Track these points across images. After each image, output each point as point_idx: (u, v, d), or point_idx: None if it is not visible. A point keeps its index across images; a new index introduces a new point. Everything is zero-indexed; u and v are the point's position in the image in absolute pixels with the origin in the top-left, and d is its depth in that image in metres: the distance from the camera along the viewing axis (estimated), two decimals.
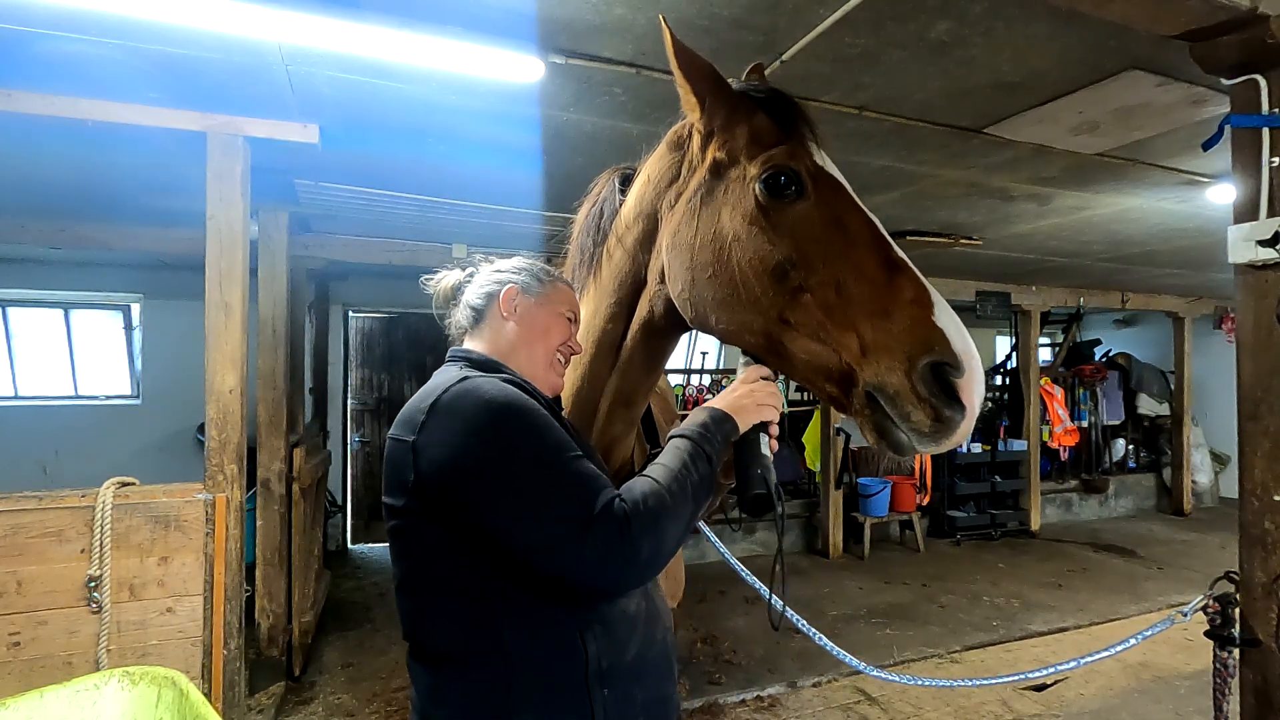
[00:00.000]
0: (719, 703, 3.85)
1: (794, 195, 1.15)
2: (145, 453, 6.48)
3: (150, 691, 1.88)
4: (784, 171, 1.15)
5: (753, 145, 1.20)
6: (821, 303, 1.10)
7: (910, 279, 1.08)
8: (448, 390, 1.11)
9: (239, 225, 2.94)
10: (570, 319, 1.33)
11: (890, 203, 4.44)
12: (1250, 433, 1.91)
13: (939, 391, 1.00)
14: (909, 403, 1.01)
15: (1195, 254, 6.13)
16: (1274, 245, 1.82)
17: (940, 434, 1.01)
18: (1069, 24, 2.28)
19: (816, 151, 1.21)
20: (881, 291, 1.07)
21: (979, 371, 1.02)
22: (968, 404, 1.00)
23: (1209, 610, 1.95)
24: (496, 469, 1.04)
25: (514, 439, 1.06)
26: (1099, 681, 4.13)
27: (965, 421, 1.01)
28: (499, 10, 2.18)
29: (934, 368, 1.01)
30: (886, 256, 1.10)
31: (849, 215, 1.15)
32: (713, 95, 1.24)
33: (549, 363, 1.29)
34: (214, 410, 2.91)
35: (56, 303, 6.63)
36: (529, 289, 1.31)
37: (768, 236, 1.14)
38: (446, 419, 1.08)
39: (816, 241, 1.13)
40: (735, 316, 1.18)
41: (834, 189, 1.17)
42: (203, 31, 2.25)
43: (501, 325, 1.29)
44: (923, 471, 7.33)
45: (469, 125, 3.10)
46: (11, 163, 3.60)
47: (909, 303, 1.05)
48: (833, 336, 1.08)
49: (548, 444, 1.07)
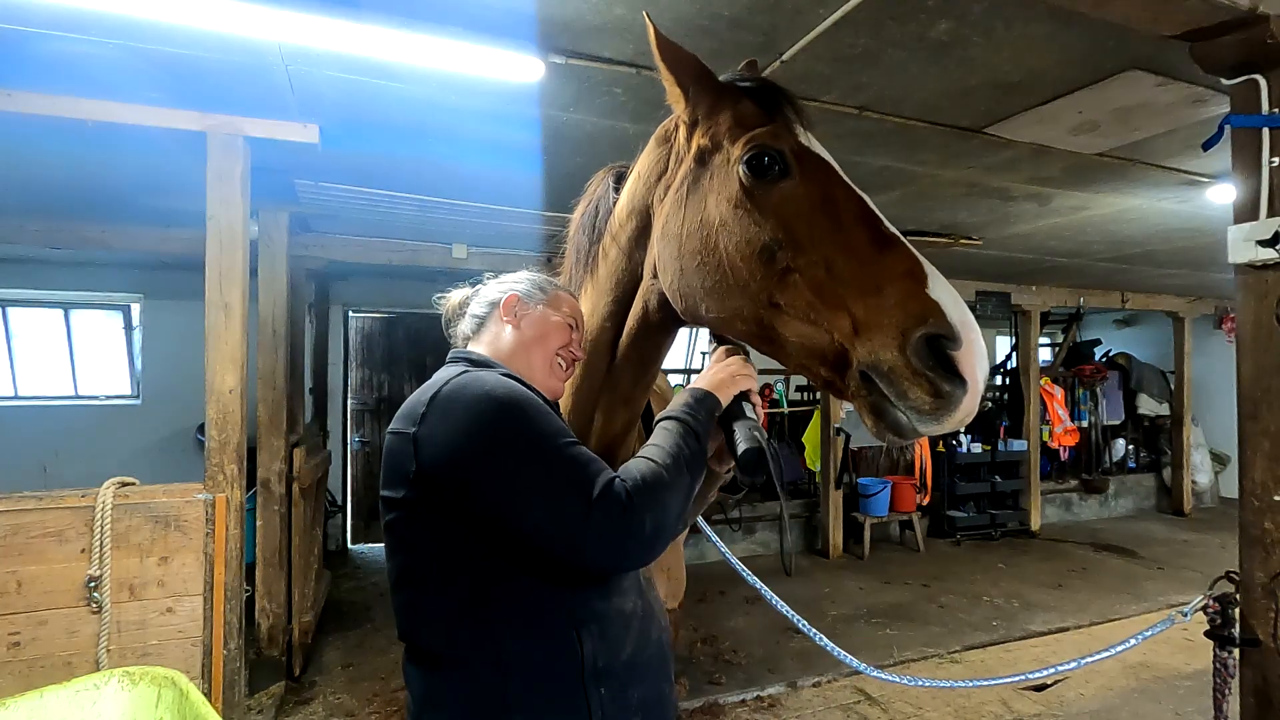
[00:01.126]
0: (719, 703, 3.85)
1: (778, 175, 1.14)
2: (145, 453, 6.48)
3: (150, 691, 1.88)
4: (767, 151, 1.13)
5: (736, 129, 1.19)
6: (811, 283, 1.08)
7: (902, 253, 1.04)
8: (448, 383, 1.12)
9: (239, 225, 2.94)
10: (571, 325, 1.34)
11: (890, 203, 4.44)
12: (1250, 433, 1.91)
13: (935, 365, 0.96)
14: (905, 379, 0.97)
15: (1195, 254, 6.13)
16: (1274, 245, 1.82)
17: (941, 411, 0.97)
18: (1069, 24, 2.28)
19: (802, 133, 1.19)
20: (872, 267, 1.04)
21: (979, 344, 0.97)
22: (969, 377, 0.96)
23: (1209, 610, 1.95)
24: (500, 454, 1.05)
25: (516, 425, 1.08)
26: (1099, 681, 4.12)
27: (968, 397, 0.96)
28: (499, 10, 2.18)
29: (929, 341, 0.96)
30: (877, 232, 1.07)
31: (836, 191, 1.12)
32: (696, 85, 1.24)
33: (548, 367, 1.30)
34: (214, 410, 2.91)
35: (56, 303, 6.63)
36: (530, 297, 1.33)
37: (753, 218, 1.13)
38: (448, 409, 1.09)
39: (803, 220, 1.11)
40: (726, 304, 1.17)
41: (820, 166, 1.15)
42: (203, 31, 2.25)
43: (501, 329, 1.31)
44: (923, 471, 7.33)
45: (469, 125, 3.10)
46: (11, 163, 3.60)
47: (901, 276, 1.02)
48: (824, 316, 1.06)
49: (548, 430, 1.09)
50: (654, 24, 1.22)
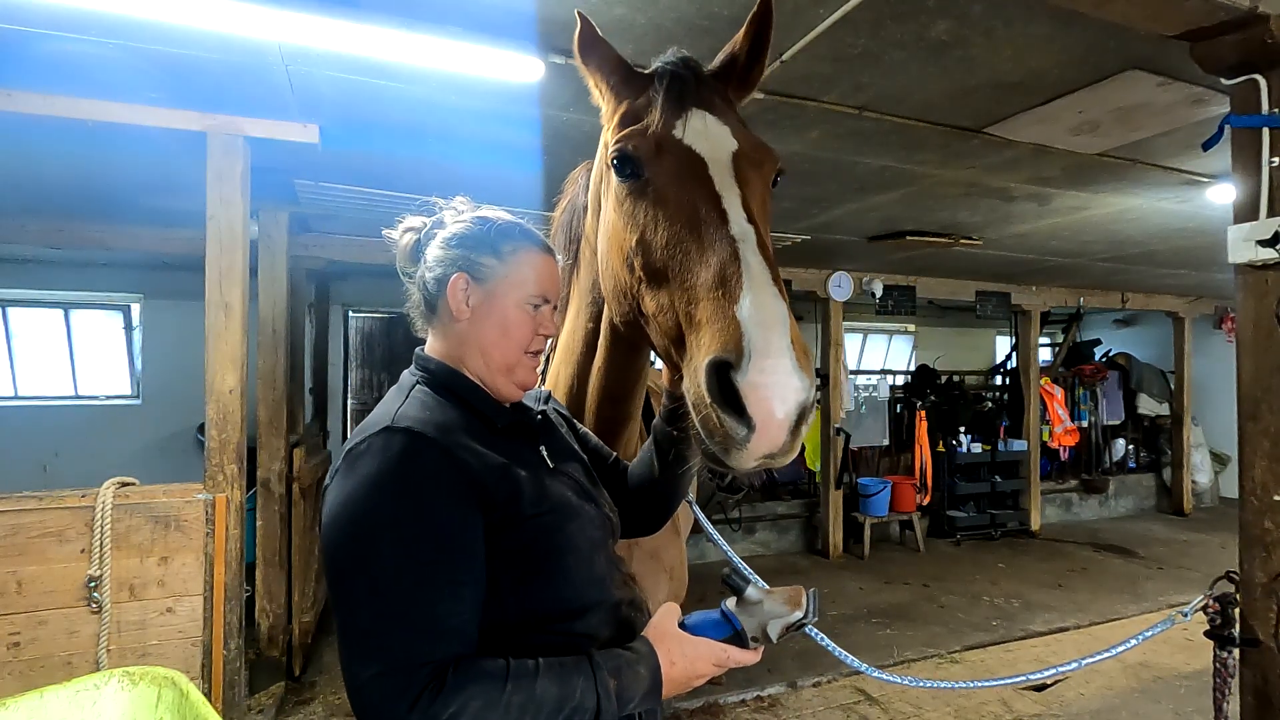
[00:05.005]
0: (719, 703, 3.85)
1: (632, 176, 1.08)
2: (145, 453, 6.48)
3: (150, 691, 1.88)
4: (621, 153, 1.09)
5: (617, 128, 1.15)
6: (652, 295, 1.03)
7: (723, 259, 0.93)
8: (365, 442, 0.97)
9: (239, 225, 2.94)
10: (536, 305, 1.10)
11: (890, 203, 4.44)
12: (1250, 433, 1.90)
13: (719, 398, 0.85)
14: (697, 410, 0.88)
15: (1195, 254, 6.13)
16: (1274, 245, 1.82)
17: (731, 448, 0.86)
18: (1069, 24, 2.28)
19: (685, 125, 1.08)
20: (692, 278, 0.95)
21: (774, 373, 0.82)
22: (754, 413, 0.82)
23: (1209, 610, 1.95)
24: (351, 567, 0.92)
25: (379, 543, 0.91)
26: (1099, 681, 4.12)
27: (756, 436, 0.83)
28: (499, 10, 2.17)
29: (717, 369, 0.86)
30: (711, 234, 0.97)
31: (678, 193, 1.03)
32: (611, 79, 1.22)
33: (506, 368, 1.09)
34: (214, 410, 2.91)
35: (56, 303, 6.63)
36: (481, 275, 1.08)
37: (624, 221, 1.09)
38: (344, 480, 0.96)
39: (651, 225, 1.04)
40: (618, 308, 1.15)
41: (670, 167, 1.05)
42: (203, 31, 2.25)
43: (452, 325, 1.10)
44: (923, 471, 7.33)
45: (469, 125, 3.10)
46: (11, 162, 3.60)
47: (711, 290, 0.91)
48: (663, 330, 1.01)
49: (408, 567, 0.90)
50: (587, 21, 1.20)
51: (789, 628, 1.00)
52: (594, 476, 1.23)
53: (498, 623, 0.98)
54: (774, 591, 1.04)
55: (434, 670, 0.86)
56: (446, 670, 0.86)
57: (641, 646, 1.00)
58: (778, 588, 1.05)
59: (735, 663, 1.02)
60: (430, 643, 0.88)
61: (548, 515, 1.03)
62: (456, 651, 0.89)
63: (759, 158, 1.11)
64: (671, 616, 1.05)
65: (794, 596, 1.02)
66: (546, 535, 1.02)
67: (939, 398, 7.94)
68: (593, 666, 0.94)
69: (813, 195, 4.20)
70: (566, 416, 1.35)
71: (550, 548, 1.02)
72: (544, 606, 1.01)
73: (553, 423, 1.24)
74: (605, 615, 1.07)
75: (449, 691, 0.85)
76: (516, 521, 0.99)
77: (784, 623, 1.00)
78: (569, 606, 1.03)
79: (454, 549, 0.93)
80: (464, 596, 0.92)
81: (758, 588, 1.04)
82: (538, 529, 1.02)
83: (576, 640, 1.01)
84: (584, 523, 1.09)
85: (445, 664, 0.87)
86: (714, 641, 1.01)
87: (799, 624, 1.00)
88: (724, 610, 1.03)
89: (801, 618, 1.00)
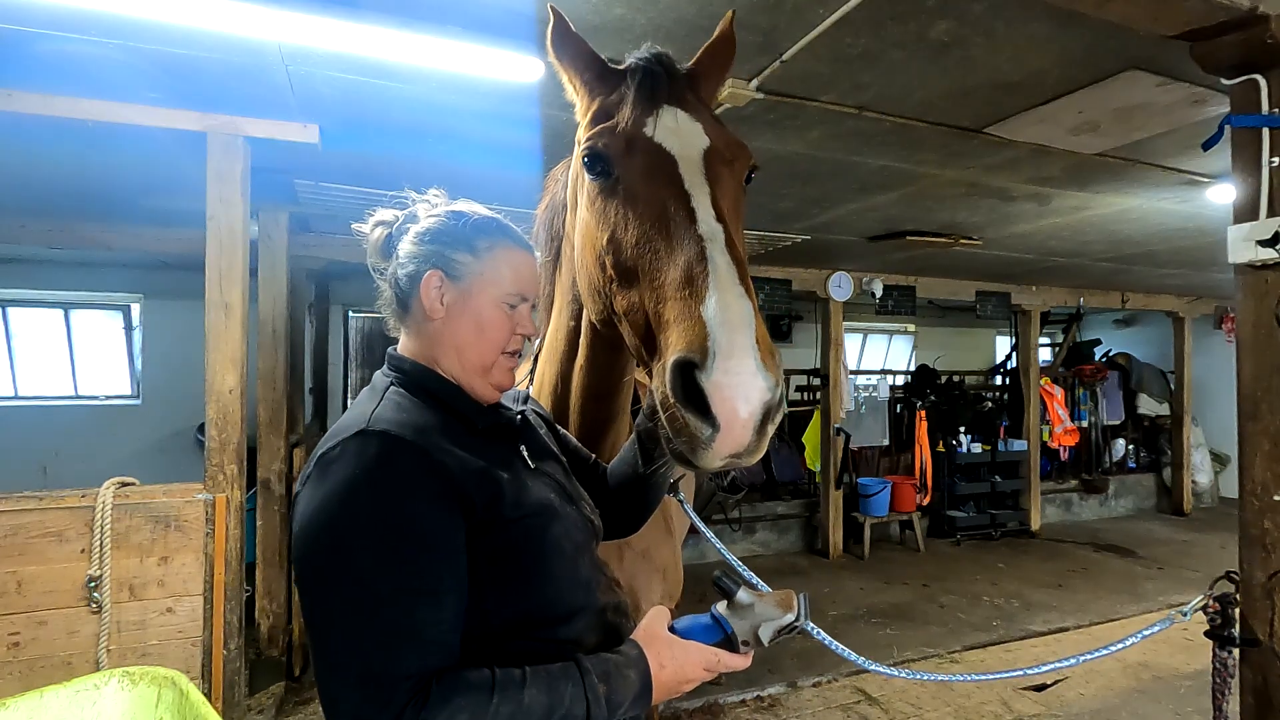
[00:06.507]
0: (719, 703, 3.85)
1: (603, 174, 1.07)
2: (145, 453, 6.49)
3: (150, 691, 1.88)
4: (589, 152, 1.09)
5: (589, 126, 1.14)
6: (623, 294, 1.03)
7: (690, 258, 0.92)
8: (338, 447, 0.93)
9: (239, 225, 2.95)
10: (513, 304, 1.07)
11: (890, 203, 4.44)
12: (1250, 433, 1.90)
13: (684, 398, 0.85)
14: (663, 409, 0.88)
15: (1195, 254, 6.13)
16: (1274, 245, 1.82)
17: (696, 448, 0.86)
18: (1069, 24, 2.28)
19: (656, 122, 1.08)
20: (660, 276, 0.95)
21: (738, 373, 0.82)
22: (718, 413, 0.82)
23: (1209, 610, 1.95)
24: (326, 576, 0.88)
25: (355, 551, 0.87)
26: (1099, 681, 4.12)
27: (720, 436, 0.83)
28: (499, 10, 2.17)
29: (682, 368, 0.86)
30: (679, 233, 0.96)
31: (650, 191, 1.02)
32: (585, 75, 1.21)
33: (482, 368, 1.06)
34: (214, 410, 2.91)
35: (56, 303, 6.63)
36: (455, 273, 1.05)
37: (596, 221, 1.09)
38: (315, 488, 0.92)
39: (621, 223, 1.04)
40: (594, 306, 1.14)
41: (642, 165, 1.04)
42: (203, 31, 2.25)
43: (425, 324, 1.07)
44: (923, 471, 7.33)
45: (469, 125, 3.10)
46: (11, 162, 3.60)
47: (677, 289, 0.91)
48: (636, 331, 1.00)
49: (386, 575, 0.86)
50: (560, 16, 1.20)
51: (780, 631, 1.00)
52: (574, 479, 1.22)
53: (480, 630, 0.95)
54: (765, 595, 1.03)
55: (416, 683, 0.83)
56: (430, 683, 0.83)
57: (630, 650, 0.98)
58: (768, 591, 1.05)
59: (726, 667, 1.00)
60: (411, 655, 0.84)
61: (530, 518, 1.01)
62: (439, 663, 0.86)
63: (731, 155, 1.10)
64: (661, 620, 1.03)
65: (785, 600, 1.02)
66: (529, 538, 1.00)
67: (939, 398, 7.94)
68: (581, 672, 0.91)
69: (813, 195, 4.21)
70: (546, 417, 1.33)
71: (533, 551, 1.00)
72: (528, 612, 0.98)
73: (532, 424, 1.21)
74: (591, 620, 1.05)
75: (433, 705, 0.82)
76: (498, 525, 0.97)
77: (775, 626, 0.99)
78: (554, 611, 1.01)
79: (434, 556, 0.89)
80: (446, 605, 0.89)
81: (749, 591, 1.03)
82: (520, 532, 0.99)
83: (562, 647, 0.99)
84: (567, 525, 1.06)
85: (428, 676, 0.84)
86: (704, 645, 1.00)
87: (790, 627, 1.00)
88: (714, 614, 1.03)
89: (793, 621, 1.00)
